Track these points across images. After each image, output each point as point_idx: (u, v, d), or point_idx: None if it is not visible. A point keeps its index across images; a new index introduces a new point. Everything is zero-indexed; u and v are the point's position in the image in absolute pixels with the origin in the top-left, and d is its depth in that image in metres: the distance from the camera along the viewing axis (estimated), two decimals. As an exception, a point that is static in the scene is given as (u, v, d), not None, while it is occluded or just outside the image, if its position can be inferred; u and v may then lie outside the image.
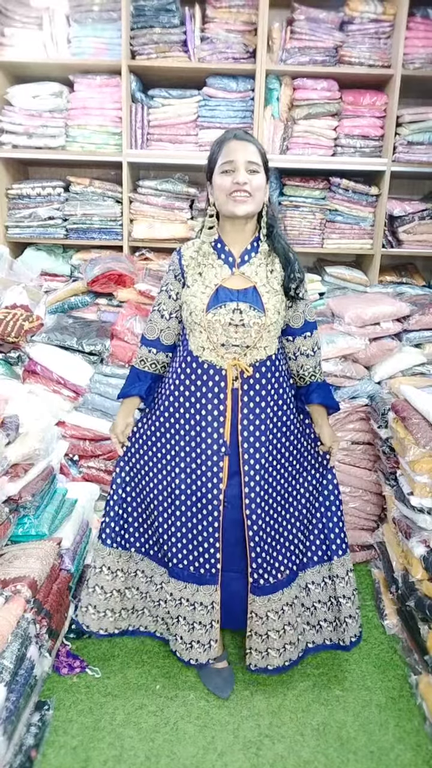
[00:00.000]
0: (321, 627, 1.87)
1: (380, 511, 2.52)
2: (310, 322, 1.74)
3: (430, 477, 1.85)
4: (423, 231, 2.88)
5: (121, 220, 2.88)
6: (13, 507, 1.84)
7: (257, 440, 1.66)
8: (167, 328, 1.72)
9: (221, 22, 2.69)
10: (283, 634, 1.76)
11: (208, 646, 1.76)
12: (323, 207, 2.87)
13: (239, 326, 1.57)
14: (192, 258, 1.65)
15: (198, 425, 1.66)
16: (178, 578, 1.75)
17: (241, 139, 1.54)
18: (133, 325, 2.48)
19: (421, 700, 1.77)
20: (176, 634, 1.77)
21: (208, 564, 1.71)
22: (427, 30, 2.68)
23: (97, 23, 2.69)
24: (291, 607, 1.78)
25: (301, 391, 1.79)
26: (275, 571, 1.74)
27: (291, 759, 1.61)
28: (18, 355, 2.43)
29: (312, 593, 1.86)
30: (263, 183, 1.57)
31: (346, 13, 2.66)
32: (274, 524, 1.73)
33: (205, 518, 1.69)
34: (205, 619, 1.74)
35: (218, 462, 1.66)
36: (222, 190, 1.54)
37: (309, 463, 1.83)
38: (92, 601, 1.85)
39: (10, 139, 2.82)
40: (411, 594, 1.89)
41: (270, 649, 1.76)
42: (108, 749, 1.62)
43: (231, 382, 1.61)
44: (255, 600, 1.73)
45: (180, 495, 1.71)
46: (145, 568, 1.88)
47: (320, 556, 1.87)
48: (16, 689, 1.41)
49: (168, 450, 1.74)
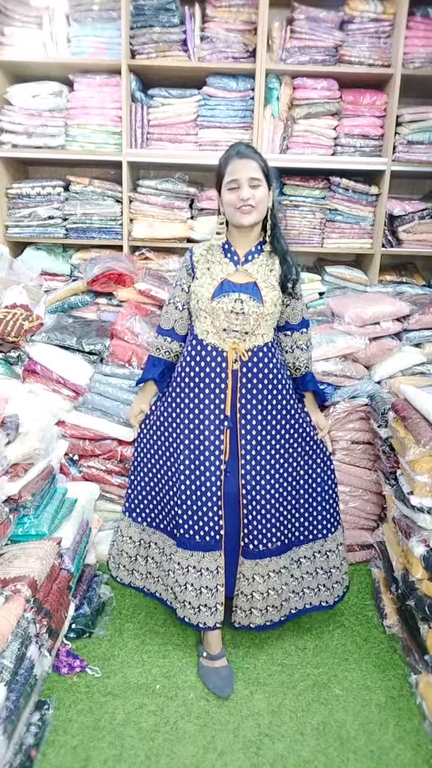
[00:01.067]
0: (304, 593, 2.02)
1: (380, 511, 2.52)
2: (306, 319, 1.98)
3: (430, 476, 1.85)
4: (423, 230, 2.87)
5: (121, 219, 2.88)
6: (13, 506, 1.84)
7: (254, 418, 1.85)
8: (181, 319, 1.94)
9: (221, 21, 2.68)
10: (267, 596, 1.90)
11: (215, 609, 1.87)
12: (323, 206, 2.87)
13: (240, 314, 1.78)
14: (202, 255, 1.88)
15: (201, 403, 1.85)
16: (185, 547, 1.87)
17: (243, 157, 1.75)
18: (132, 324, 2.48)
19: (420, 700, 1.77)
20: (184, 600, 1.88)
21: (212, 531, 1.85)
22: (427, 29, 2.68)
23: (96, 22, 2.69)
24: (278, 575, 1.92)
25: (297, 381, 2.02)
26: (266, 540, 1.89)
27: (291, 758, 1.61)
28: (18, 354, 2.43)
29: (302, 566, 2.02)
30: (265, 194, 1.78)
31: (346, 13, 2.66)
32: (270, 497, 1.88)
33: (208, 489, 1.83)
34: (211, 583, 1.86)
35: (219, 435, 1.84)
36: (230, 204, 1.78)
37: (307, 444, 1.97)
38: (121, 561, 2.07)
39: (10, 138, 2.82)
40: (411, 593, 1.89)
41: (253, 609, 1.90)
42: (108, 749, 1.62)
43: (231, 363, 1.81)
44: (243, 562, 1.89)
45: (185, 469, 1.86)
46: (158, 540, 2.03)
47: (315, 534, 2.04)
48: (16, 689, 1.41)
49: (174, 428, 1.90)
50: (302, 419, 1.96)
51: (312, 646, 2.04)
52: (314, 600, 2.04)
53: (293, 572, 1.99)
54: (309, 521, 2.03)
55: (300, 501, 1.99)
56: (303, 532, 2.02)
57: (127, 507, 2.08)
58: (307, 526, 2.03)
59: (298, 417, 1.95)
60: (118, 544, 2.10)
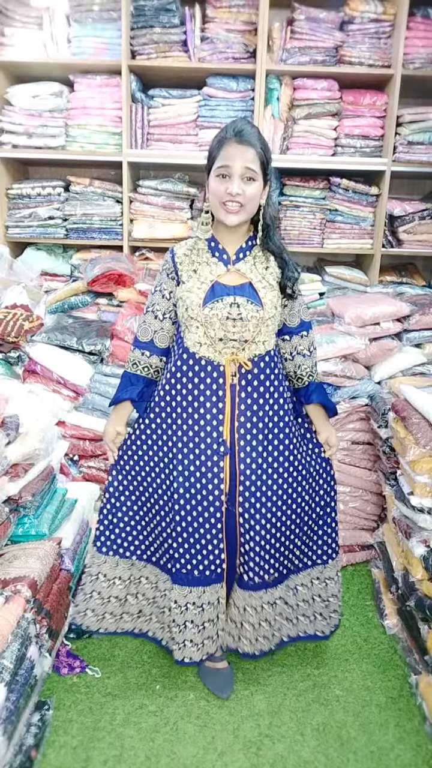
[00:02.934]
0: (298, 621, 1.86)
1: (380, 511, 2.52)
2: (306, 321, 1.72)
3: (430, 477, 1.85)
4: (423, 231, 2.87)
5: (121, 219, 2.88)
6: (13, 507, 1.83)
7: (254, 438, 1.63)
8: (161, 330, 1.68)
9: (221, 21, 2.68)
10: (258, 628, 1.75)
11: (217, 637, 1.75)
12: (323, 207, 2.87)
13: (237, 320, 1.55)
14: (186, 255, 1.63)
15: (196, 424, 1.63)
16: (182, 584, 1.70)
17: (241, 142, 1.49)
18: (133, 324, 2.48)
19: (421, 700, 1.77)
20: (185, 640, 1.72)
21: (213, 565, 1.69)
22: (427, 30, 2.69)
23: (97, 23, 2.69)
24: (272, 606, 1.75)
25: (300, 392, 1.75)
26: (263, 572, 1.71)
27: (291, 759, 1.61)
28: (18, 354, 2.43)
29: (299, 594, 1.85)
30: (258, 192, 1.53)
31: (347, 13, 2.66)
32: (270, 527, 1.69)
33: (207, 521, 1.66)
34: (213, 615, 1.73)
35: (218, 462, 1.62)
36: (215, 195, 1.53)
37: (309, 464, 1.77)
38: (90, 606, 1.83)
39: (10, 138, 2.82)
40: (411, 594, 1.89)
41: (242, 637, 1.75)
42: (108, 749, 1.62)
43: (230, 378, 1.59)
44: (236, 590, 1.73)
45: (179, 499, 1.66)
46: (149, 574, 1.84)
47: (314, 561, 1.86)
48: (16, 689, 1.41)
49: (165, 452, 1.70)
50: (303, 437, 1.77)
51: (312, 646, 2.04)
52: (309, 629, 1.88)
53: (288, 600, 1.83)
54: (309, 547, 1.84)
55: (301, 527, 1.78)
56: (302, 558, 1.84)
57: (109, 545, 1.82)
58: (306, 552, 1.84)
59: (299, 435, 1.75)
60: (101, 592, 1.83)
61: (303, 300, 1.73)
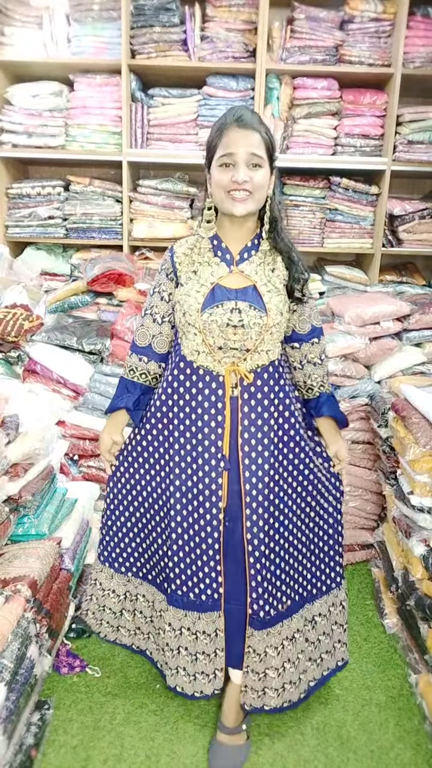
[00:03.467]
0: (322, 660, 1.70)
1: (380, 511, 2.52)
2: (317, 327, 1.58)
3: (430, 476, 1.85)
4: (423, 230, 2.87)
5: (121, 219, 2.88)
6: (13, 506, 1.84)
7: (260, 455, 1.50)
8: (159, 334, 1.57)
9: (221, 21, 2.68)
10: (283, 672, 1.59)
11: (213, 676, 1.59)
12: (323, 206, 2.87)
13: (238, 327, 1.41)
14: (185, 255, 1.50)
15: (194, 438, 1.51)
16: (177, 606, 1.58)
17: (244, 127, 1.36)
18: (133, 324, 2.48)
19: (420, 700, 1.77)
20: (177, 667, 1.60)
21: (209, 590, 1.55)
22: (428, 29, 2.68)
23: (97, 22, 2.69)
24: (292, 642, 1.60)
25: (310, 404, 1.63)
26: (276, 602, 1.56)
27: (291, 758, 1.61)
28: (18, 354, 2.43)
29: (318, 626, 1.69)
30: (266, 179, 1.41)
31: (347, 12, 2.66)
32: (279, 550, 1.56)
33: (203, 540, 1.53)
34: (209, 649, 1.58)
35: (216, 479, 1.50)
36: (220, 186, 1.39)
37: (318, 480, 1.64)
38: (90, 608, 1.80)
39: (10, 138, 2.82)
40: (411, 593, 1.90)
41: (267, 689, 1.58)
42: (108, 748, 1.62)
43: (229, 390, 1.47)
44: (254, 634, 1.55)
45: (176, 516, 1.55)
46: (146, 592, 1.73)
47: (329, 585, 1.72)
48: (16, 689, 1.41)
49: (162, 466, 1.59)
50: (313, 452, 1.63)
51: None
52: (331, 663, 1.72)
53: (308, 635, 1.66)
54: (321, 570, 1.70)
55: (312, 549, 1.67)
56: (316, 584, 1.69)
57: (106, 556, 1.76)
58: (319, 576, 1.69)
59: (309, 450, 1.61)
60: (97, 599, 1.78)
61: (314, 304, 1.59)
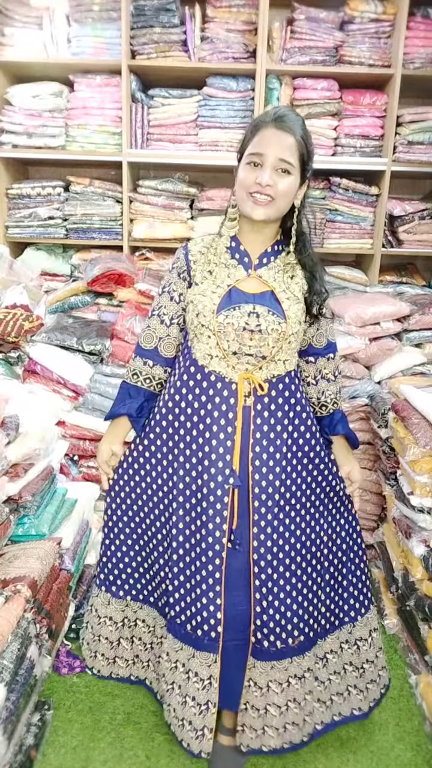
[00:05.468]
0: (332, 702, 1.56)
1: (380, 511, 2.52)
2: (333, 342, 1.53)
3: (430, 477, 1.85)
4: (423, 231, 2.87)
5: (121, 219, 2.88)
6: (13, 507, 1.84)
7: (271, 471, 1.40)
8: (167, 336, 1.48)
9: (221, 21, 2.68)
10: (285, 711, 1.46)
11: (201, 734, 1.43)
12: (323, 207, 2.87)
13: (255, 332, 1.34)
14: (201, 254, 1.43)
15: (200, 450, 1.41)
16: (175, 635, 1.47)
17: (281, 129, 1.29)
18: (133, 325, 2.48)
19: (421, 700, 1.77)
20: (170, 704, 1.48)
21: (206, 625, 1.40)
22: (428, 30, 2.68)
23: (97, 23, 2.69)
24: (300, 681, 1.46)
25: (324, 422, 1.56)
26: (286, 635, 1.43)
27: (291, 758, 1.61)
28: (18, 355, 2.43)
29: (329, 665, 1.56)
30: (293, 188, 1.34)
31: (347, 13, 2.66)
32: (291, 577, 1.44)
33: (204, 566, 1.41)
34: (200, 697, 1.42)
35: (222, 497, 1.39)
36: (243, 185, 1.33)
37: (332, 502, 1.55)
38: (86, 637, 1.72)
39: (10, 138, 2.82)
40: (411, 594, 1.90)
41: (267, 727, 1.45)
42: (108, 749, 1.62)
43: (242, 398, 1.38)
44: (255, 665, 1.43)
45: (177, 535, 1.44)
46: (146, 617, 1.63)
47: (341, 619, 1.58)
48: (16, 689, 1.41)
49: (165, 480, 1.49)
50: (329, 471, 1.53)
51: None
52: (344, 709, 1.57)
53: (318, 674, 1.52)
54: (335, 602, 1.56)
55: (325, 577, 1.54)
56: (329, 618, 1.55)
57: (103, 579, 1.64)
58: (333, 609, 1.56)
59: (324, 468, 1.51)
60: (93, 628, 1.67)
61: (330, 319, 1.53)
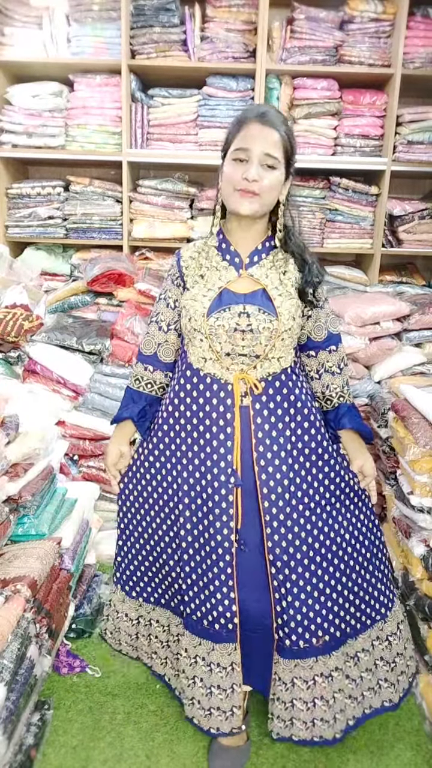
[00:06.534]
0: (364, 698, 1.55)
1: (380, 511, 2.52)
2: (335, 333, 1.51)
3: (430, 476, 1.85)
4: (423, 230, 2.88)
5: (121, 219, 2.88)
6: (13, 507, 1.83)
7: (278, 470, 1.41)
8: (165, 342, 1.52)
9: (221, 21, 2.68)
10: (313, 708, 1.46)
11: (231, 714, 1.47)
12: (323, 206, 2.87)
13: (246, 332, 1.35)
14: (192, 259, 1.46)
15: (202, 452, 1.43)
16: (192, 632, 1.48)
17: (265, 124, 1.31)
18: (133, 324, 2.48)
19: (421, 700, 1.77)
20: (193, 698, 1.50)
21: (222, 618, 1.42)
22: (427, 29, 2.68)
23: (96, 22, 2.69)
24: (328, 680, 1.46)
25: (329, 416, 1.54)
26: (309, 635, 1.43)
27: (291, 758, 1.61)
28: (18, 354, 2.43)
29: (361, 663, 1.55)
30: (278, 182, 1.35)
31: (346, 13, 2.66)
32: (310, 576, 1.44)
33: (215, 563, 1.42)
34: (225, 683, 1.46)
35: (227, 496, 1.40)
36: (229, 181, 1.34)
37: (348, 498, 1.54)
38: (108, 627, 1.74)
39: (10, 138, 2.82)
40: (411, 593, 1.89)
41: (295, 719, 1.47)
42: (108, 749, 1.62)
43: (239, 399, 1.39)
44: (279, 661, 1.45)
45: (186, 536, 1.46)
46: (160, 617, 1.64)
47: (373, 618, 1.57)
48: (16, 689, 1.41)
49: (170, 483, 1.51)
50: (340, 466, 1.51)
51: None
52: (375, 702, 1.56)
53: (350, 673, 1.52)
54: (364, 601, 1.54)
55: (351, 576, 1.51)
56: (359, 617, 1.54)
57: (119, 577, 1.68)
58: (362, 608, 1.54)
59: (335, 464, 1.50)
60: (113, 620, 1.71)
61: (330, 309, 1.52)
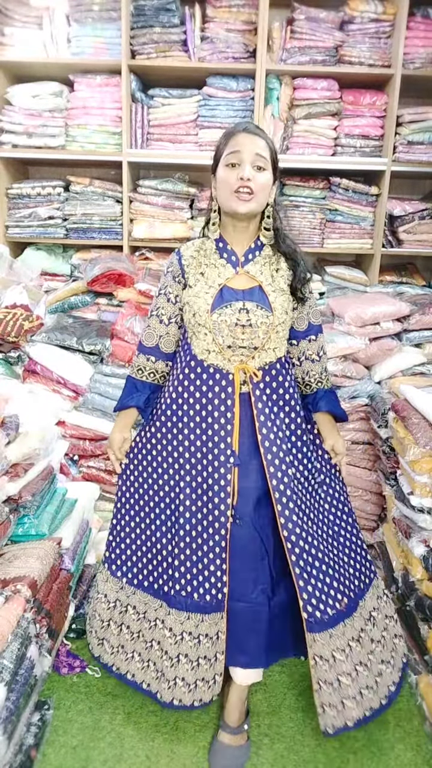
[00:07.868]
0: (393, 660, 1.65)
1: (380, 511, 2.52)
2: (315, 324, 1.66)
3: (430, 477, 1.85)
4: (423, 231, 2.88)
5: (121, 219, 2.88)
6: (13, 507, 1.83)
7: (280, 449, 1.54)
8: (166, 334, 1.64)
9: (221, 21, 2.68)
10: (356, 676, 1.54)
11: (213, 682, 1.57)
12: (323, 207, 2.87)
13: (246, 326, 1.48)
14: (193, 258, 1.57)
15: (204, 434, 1.56)
16: (180, 608, 1.57)
17: (251, 133, 1.46)
18: (133, 324, 2.48)
19: (421, 700, 1.77)
20: (176, 678, 1.57)
21: (213, 589, 1.54)
22: (428, 30, 2.69)
23: (97, 23, 2.69)
24: (359, 643, 1.57)
25: (308, 399, 1.70)
26: (332, 600, 1.53)
27: (291, 758, 1.61)
28: (18, 354, 2.43)
29: (377, 623, 1.67)
30: (269, 182, 1.48)
31: (347, 13, 2.66)
32: (319, 545, 1.57)
33: (211, 537, 1.54)
34: (210, 652, 1.56)
35: (225, 475, 1.52)
36: (226, 185, 1.46)
37: (327, 472, 1.72)
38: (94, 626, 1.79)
39: (10, 138, 2.82)
40: (411, 594, 1.90)
41: (345, 699, 1.52)
42: (108, 749, 1.62)
43: (239, 387, 1.53)
44: (315, 640, 1.50)
45: (185, 512, 1.58)
46: (137, 603, 1.71)
47: (369, 576, 1.73)
48: (16, 689, 1.41)
49: (171, 464, 1.63)
50: (318, 445, 1.71)
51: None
52: (399, 662, 1.69)
53: (372, 634, 1.62)
54: (359, 561, 1.71)
55: (343, 541, 1.68)
56: (359, 577, 1.68)
57: (107, 557, 1.78)
58: (359, 568, 1.69)
59: (311, 444, 1.68)
60: (92, 603, 1.82)
61: (314, 302, 1.66)
